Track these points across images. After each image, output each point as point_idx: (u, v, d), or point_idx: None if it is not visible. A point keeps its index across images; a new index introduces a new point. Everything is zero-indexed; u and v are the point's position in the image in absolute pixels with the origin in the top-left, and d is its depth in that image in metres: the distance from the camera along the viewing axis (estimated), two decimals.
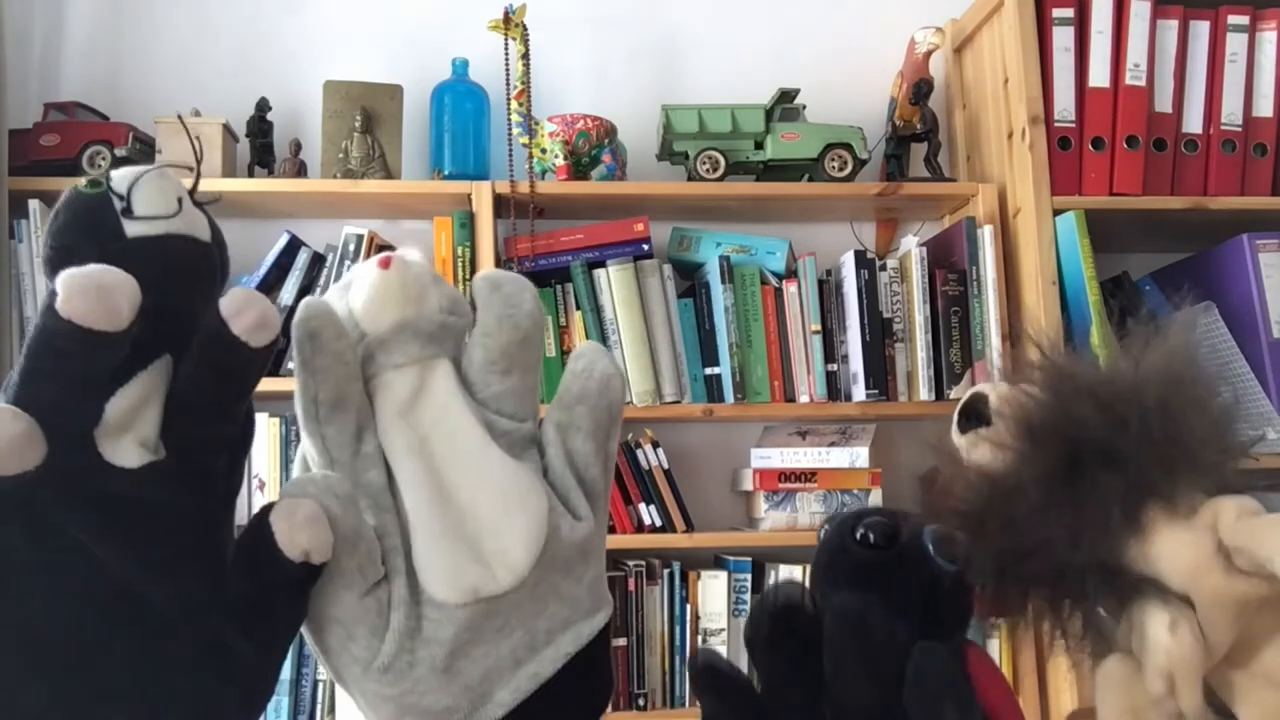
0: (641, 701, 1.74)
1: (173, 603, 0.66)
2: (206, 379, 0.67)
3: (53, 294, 0.62)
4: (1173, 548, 0.66)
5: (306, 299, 0.74)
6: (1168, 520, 0.67)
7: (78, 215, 0.68)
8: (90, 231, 0.68)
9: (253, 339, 0.66)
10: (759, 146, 1.88)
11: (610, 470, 0.78)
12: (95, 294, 0.61)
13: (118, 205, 0.68)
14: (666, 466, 1.80)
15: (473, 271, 1.76)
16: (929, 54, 1.89)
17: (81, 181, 0.70)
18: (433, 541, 0.70)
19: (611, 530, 1.75)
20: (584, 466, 0.75)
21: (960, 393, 1.78)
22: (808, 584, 0.82)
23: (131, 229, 0.68)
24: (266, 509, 0.69)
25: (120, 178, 0.70)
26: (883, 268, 1.84)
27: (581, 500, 0.75)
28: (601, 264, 1.80)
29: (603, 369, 0.76)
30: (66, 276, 0.62)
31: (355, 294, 0.74)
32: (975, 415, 0.77)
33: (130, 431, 0.65)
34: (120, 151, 1.78)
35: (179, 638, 0.66)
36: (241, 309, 0.66)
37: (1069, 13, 1.80)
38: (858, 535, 0.79)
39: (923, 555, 0.77)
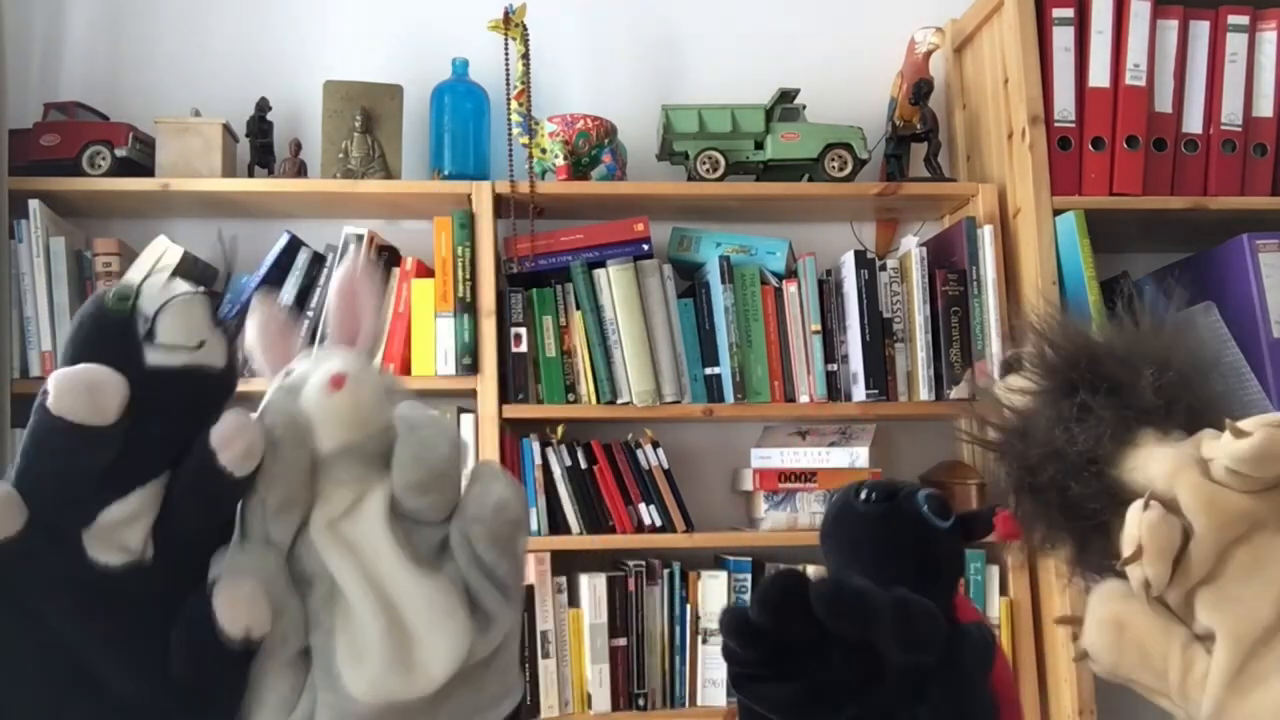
0: (641, 701, 1.74)
1: (128, 684, 0.68)
2: (192, 500, 0.71)
3: (44, 392, 0.65)
4: (1158, 457, 0.80)
5: (272, 404, 0.77)
6: (1156, 441, 0.81)
7: (101, 333, 0.70)
8: (110, 354, 0.69)
9: (237, 469, 0.70)
10: (759, 146, 1.88)
11: (522, 565, 0.83)
12: (85, 392, 0.64)
13: (141, 328, 0.70)
14: (666, 466, 1.80)
15: (473, 271, 1.76)
16: (929, 54, 1.89)
17: (110, 292, 0.72)
18: (362, 643, 0.73)
19: (611, 530, 1.75)
20: (492, 566, 0.79)
21: (960, 392, 1.78)
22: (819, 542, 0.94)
23: (152, 357, 0.70)
24: (206, 593, 0.71)
25: (149, 298, 0.71)
26: (883, 268, 1.84)
27: (493, 596, 0.78)
28: (601, 264, 1.80)
29: (496, 496, 0.80)
30: (57, 375, 0.65)
31: (307, 409, 0.77)
32: (1013, 367, 0.93)
33: (118, 537, 0.68)
34: (120, 152, 1.78)
35: (130, 716, 0.69)
36: (229, 440, 0.70)
37: (1069, 13, 1.80)
38: (861, 494, 0.92)
39: (916, 511, 0.90)
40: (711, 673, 1.76)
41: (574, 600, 1.75)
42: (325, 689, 0.72)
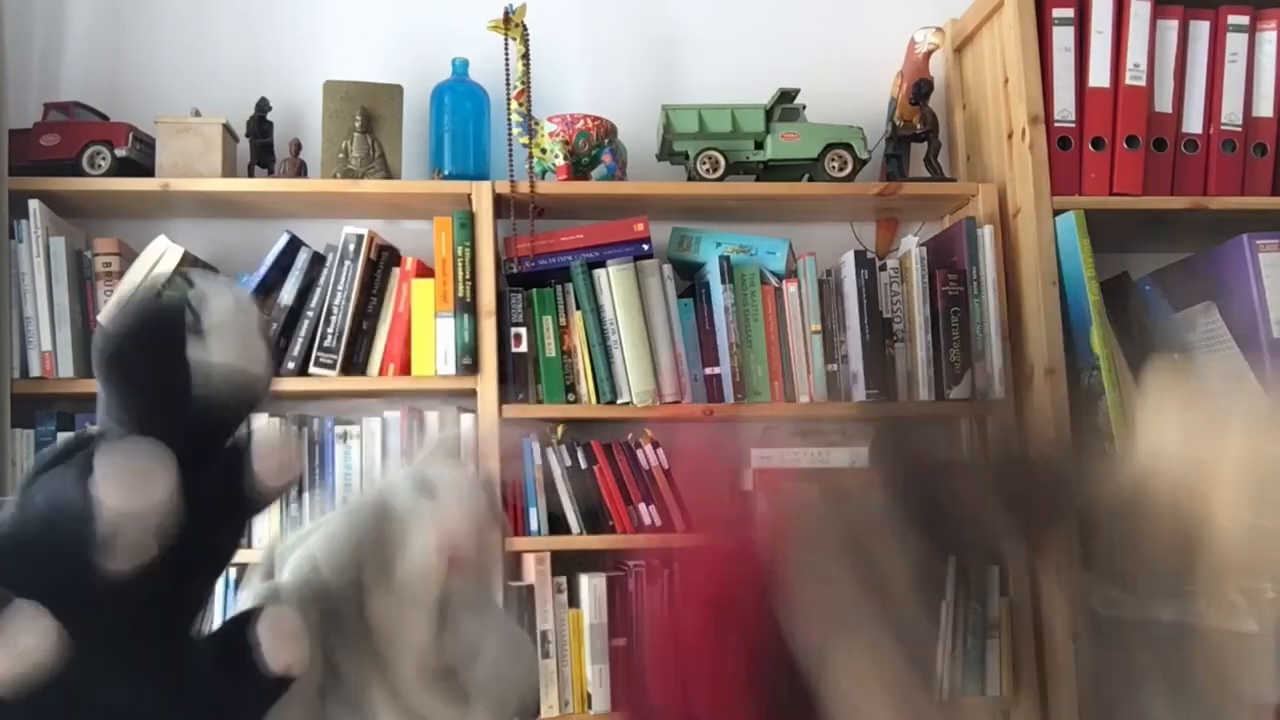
0: None
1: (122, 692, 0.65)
2: (216, 506, 0.68)
3: (88, 471, 0.62)
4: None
5: (400, 497, 0.73)
6: None
7: (146, 325, 0.69)
8: (151, 347, 0.68)
9: (271, 481, 0.67)
10: (759, 146, 1.88)
11: None
12: (132, 484, 0.62)
13: (188, 319, 0.68)
14: (666, 466, 1.80)
15: (473, 271, 1.76)
16: (929, 54, 1.89)
17: (160, 282, 0.70)
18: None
19: (611, 530, 1.75)
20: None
21: (960, 393, 1.78)
22: None
23: (193, 351, 0.68)
24: (245, 617, 0.69)
25: (199, 295, 0.70)
26: (883, 268, 1.84)
27: None
28: (601, 264, 1.80)
29: (520, 688, 0.78)
30: (102, 464, 0.62)
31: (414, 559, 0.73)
32: None
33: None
34: (120, 151, 1.78)
35: None
36: (269, 451, 0.67)
37: (1069, 13, 1.80)
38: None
39: None
40: None
41: (574, 600, 1.75)
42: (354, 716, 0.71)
